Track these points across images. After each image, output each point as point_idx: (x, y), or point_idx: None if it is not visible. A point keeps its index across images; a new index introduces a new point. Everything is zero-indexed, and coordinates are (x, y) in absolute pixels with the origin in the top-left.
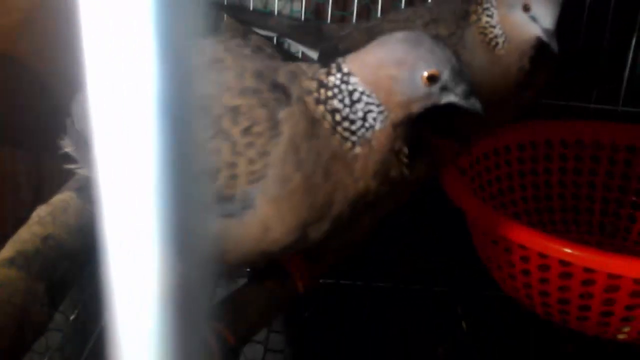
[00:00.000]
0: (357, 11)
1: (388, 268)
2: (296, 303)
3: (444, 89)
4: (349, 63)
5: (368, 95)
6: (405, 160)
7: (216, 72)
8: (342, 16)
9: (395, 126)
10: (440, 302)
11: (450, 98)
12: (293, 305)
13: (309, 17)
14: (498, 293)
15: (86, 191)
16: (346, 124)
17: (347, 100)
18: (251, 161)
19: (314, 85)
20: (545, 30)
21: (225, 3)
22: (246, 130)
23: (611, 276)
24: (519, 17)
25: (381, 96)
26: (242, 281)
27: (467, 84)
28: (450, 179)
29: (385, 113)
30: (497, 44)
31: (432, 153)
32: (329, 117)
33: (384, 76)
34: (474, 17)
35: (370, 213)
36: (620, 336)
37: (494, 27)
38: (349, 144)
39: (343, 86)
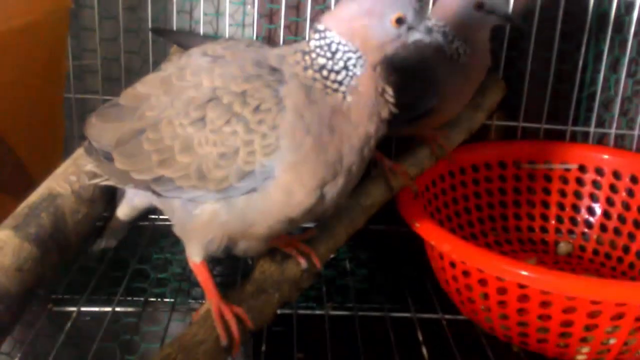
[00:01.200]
0: (310, 17)
1: (346, 295)
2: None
3: (410, 28)
4: (324, 21)
5: (345, 45)
6: (390, 99)
7: (220, 66)
8: (294, 41)
9: (374, 67)
10: (400, 327)
11: (416, 36)
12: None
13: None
14: (458, 317)
15: (26, 228)
16: (333, 75)
17: (328, 54)
18: (264, 135)
19: (299, 56)
20: (505, 16)
21: (175, 29)
22: (256, 109)
23: (569, 298)
24: (474, 16)
25: (357, 43)
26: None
27: (427, 21)
28: (406, 203)
29: (364, 57)
30: (459, 55)
31: (387, 177)
32: (318, 77)
33: (357, 26)
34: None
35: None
36: (580, 357)
37: (451, 42)
38: (340, 95)
39: (322, 41)
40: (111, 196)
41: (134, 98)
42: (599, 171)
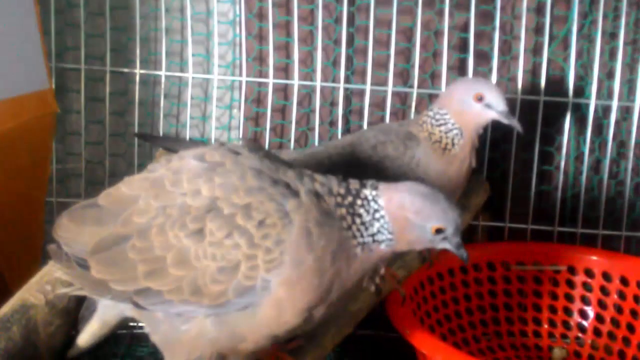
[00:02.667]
0: (294, 138)
1: None
2: None
3: (445, 239)
4: (380, 190)
5: (386, 222)
6: (377, 280)
7: (219, 175)
8: (280, 143)
9: (395, 251)
10: None
11: (446, 246)
12: None
13: None
14: None
15: None
16: (362, 228)
17: (371, 213)
18: (268, 250)
19: (336, 189)
20: (502, 112)
21: (161, 132)
22: (260, 223)
23: None
24: (473, 107)
25: (395, 228)
26: None
27: (461, 237)
28: (395, 308)
29: (393, 242)
30: (453, 145)
31: (375, 281)
32: (349, 218)
33: (402, 216)
34: (423, 134)
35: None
36: None
37: (450, 131)
38: (355, 243)
39: (372, 203)
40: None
41: (117, 200)
42: (589, 273)
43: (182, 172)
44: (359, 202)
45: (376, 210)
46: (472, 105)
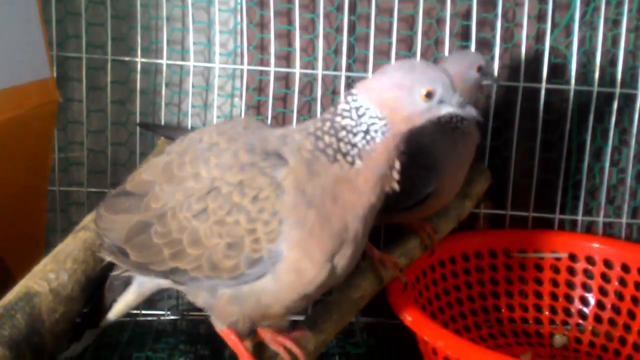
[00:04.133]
0: (297, 108)
1: None
2: None
3: (441, 102)
4: (357, 88)
5: (373, 111)
6: (396, 176)
7: (216, 156)
8: (283, 113)
9: (395, 138)
10: None
11: (448, 109)
12: None
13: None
14: None
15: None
16: (349, 137)
17: (354, 115)
18: (266, 222)
19: (317, 124)
20: (493, 77)
21: (163, 121)
22: (254, 198)
23: None
24: (477, 78)
25: (385, 112)
26: None
27: (460, 96)
28: (397, 295)
29: (389, 126)
30: (462, 120)
31: (376, 269)
32: (334, 141)
33: (387, 97)
34: None
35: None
36: None
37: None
38: (349, 160)
39: (351, 104)
40: (91, 293)
41: (139, 184)
42: (590, 260)
43: (186, 154)
44: (338, 118)
45: (357, 108)
46: (472, 75)
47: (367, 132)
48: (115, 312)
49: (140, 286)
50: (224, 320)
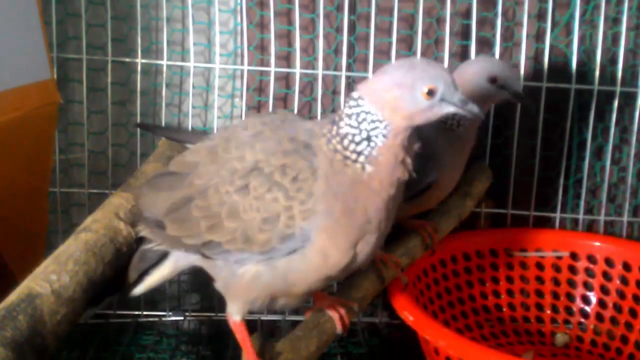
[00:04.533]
0: (298, 108)
1: None
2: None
3: (443, 100)
4: (358, 89)
5: (373, 114)
6: (409, 167)
7: (260, 142)
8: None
9: (397, 137)
10: None
11: (450, 108)
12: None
13: None
14: None
15: (2, 331)
16: (352, 146)
17: (354, 122)
18: (302, 201)
19: (326, 128)
20: (515, 93)
21: (163, 122)
22: (294, 179)
23: None
24: (486, 88)
25: (386, 113)
26: None
27: (462, 94)
28: (398, 295)
29: (390, 127)
30: (458, 124)
31: (378, 269)
32: (340, 147)
33: (388, 97)
34: None
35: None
36: None
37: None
38: (359, 166)
39: (353, 109)
40: (92, 294)
41: (183, 165)
42: (591, 259)
43: (231, 140)
44: (341, 123)
45: (358, 114)
46: (485, 86)
47: (369, 138)
48: (147, 284)
49: (176, 262)
50: (242, 298)
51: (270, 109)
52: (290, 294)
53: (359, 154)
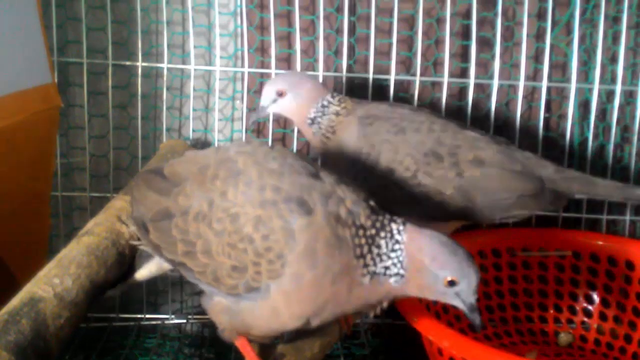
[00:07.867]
0: (298, 129)
1: None
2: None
3: (457, 294)
4: (406, 227)
5: (403, 257)
6: (378, 311)
7: (243, 184)
8: (283, 134)
9: (402, 294)
10: None
11: (459, 305)
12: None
13: (250, 137)
14: None
15: (5, 336)
16: (378, 258)
17: (390, 246)
18: (270, 261)
19: (360, 221)
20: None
21: (165, 125)
22: (265, 237)
23: None
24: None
25: (410, 268)
26: None
27: (476, 301)
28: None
29: (404, 280)
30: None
31: None
32: (366, 247)
33: (419, 259)
34: None
35: None
36: None
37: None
38: (364, 272)
39: (395, 236)
40: (93, 298)
41: (174, 174)
42: (594, 257)
43: (221, 167)
44: (382, 233)
45: (396, 243)
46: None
47: (387, 268)
48: (140, 275)
49: (161, 262)
50: (217, 322)
51: None
52: (251, 335)
53: (375, 264)
